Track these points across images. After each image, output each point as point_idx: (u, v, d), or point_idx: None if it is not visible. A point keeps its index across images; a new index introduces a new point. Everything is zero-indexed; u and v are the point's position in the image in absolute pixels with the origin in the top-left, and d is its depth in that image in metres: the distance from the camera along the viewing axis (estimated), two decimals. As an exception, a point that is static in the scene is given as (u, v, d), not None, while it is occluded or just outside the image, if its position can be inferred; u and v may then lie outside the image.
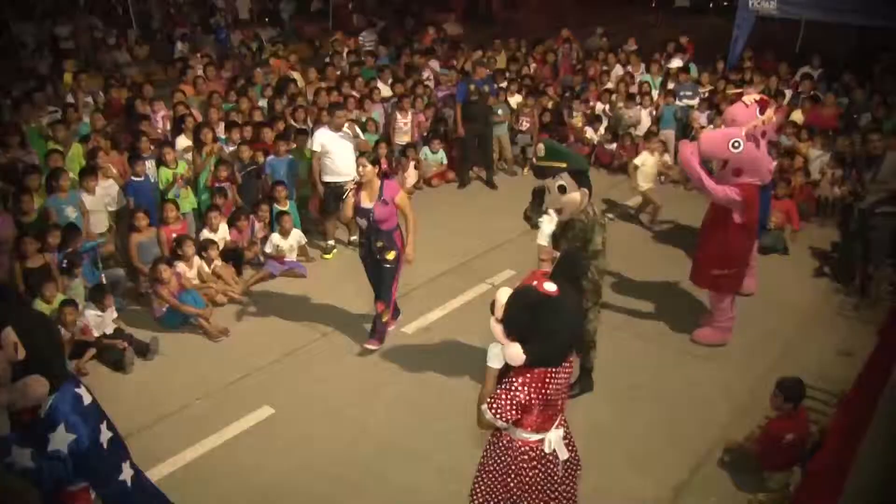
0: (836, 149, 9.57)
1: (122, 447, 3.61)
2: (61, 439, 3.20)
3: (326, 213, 8.60)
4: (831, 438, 4.38)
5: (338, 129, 8.31)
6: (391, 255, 6.41)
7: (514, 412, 3.46)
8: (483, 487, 3.87)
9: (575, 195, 5.15)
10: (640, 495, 5.05)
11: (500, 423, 3.51)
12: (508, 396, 3.44)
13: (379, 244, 6.39)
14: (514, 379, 3.46)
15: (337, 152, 8.20)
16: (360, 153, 6.49)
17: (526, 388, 3.43)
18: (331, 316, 7.26)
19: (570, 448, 3.86)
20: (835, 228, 8.83)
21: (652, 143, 9.81)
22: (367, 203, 6.29)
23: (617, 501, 5.00)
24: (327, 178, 8.36)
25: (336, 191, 8.00)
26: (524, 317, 3.40)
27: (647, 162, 9.52)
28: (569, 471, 3.88)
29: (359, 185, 6.35)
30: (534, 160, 5.48)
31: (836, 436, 4.25)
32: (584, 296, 5.21)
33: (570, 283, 3.58)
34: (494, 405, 3.45)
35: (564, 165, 5.12)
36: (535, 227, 5.66)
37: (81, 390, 3.39)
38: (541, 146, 5.28)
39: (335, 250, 8.69)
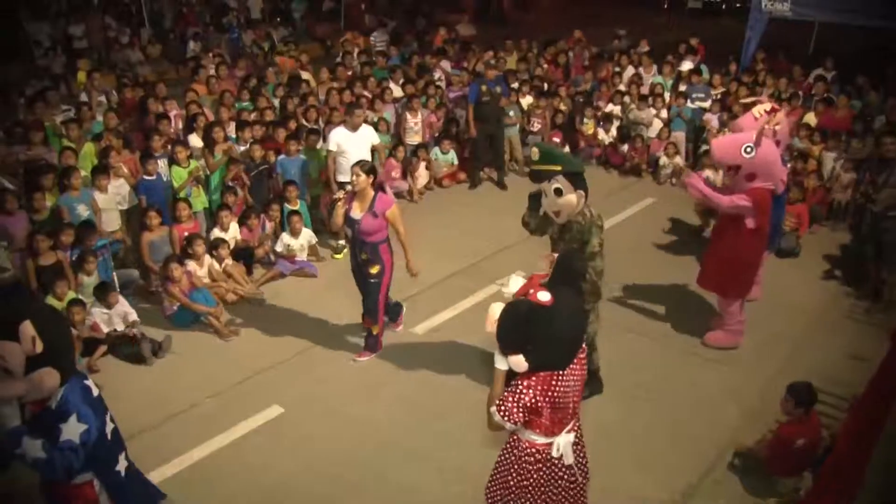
0: (849, 152, 9.52)
1: (120, 439, 3.70)
2: (73, 430, 3.26)
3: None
4: (841, 443, 4.34)
5: (355, 128, 8.32)
6: (375, 270, 6.22)
7: (521, 414, 3.48)
8: (491, 484, 3.95)
9: (571, 197, 5.12)
10: (647, 497, 5.03)
11: (508, 425, 3.53)
12: (515, 399, 3.46)
13: (363, 257, 6.23)
14: (520, 382, 3.49)
15: (352, 152, 8.19)
16: (356, 162, 6.28)
17: (531, 391, 3.45)
18: (341, 316, 7.27)
19: (579, 456, 3.86)
20: (846, 232, 8.78)
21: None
22: (356, 213, 6.10)
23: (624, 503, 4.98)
24: (342, 178, 8.34)
25: None
26: (515, 334, 3.44)
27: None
28: (578, 478, 3.88)
29: (352, 194, 6.18)
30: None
31: (847, 441, 4.21)
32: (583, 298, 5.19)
33: (569, 286, 3.58)
34: (502, 407, 3.48)
35: (559, 168, 5.07)
36: (533, 232, 5.64)
37: (89, 382, 3.49)
38: (535, 150, 5.20)
39: (346, 250, 8.69)
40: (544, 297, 3.41)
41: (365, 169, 6.07)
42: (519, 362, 3.42)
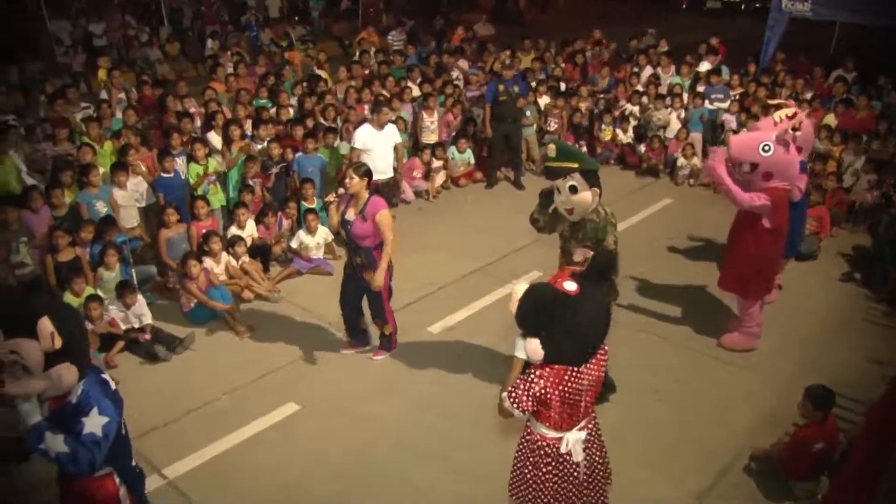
0: (869, 153, 9.42)
1: (128, 435, 3.73)
2: (95, 423, 3.28)
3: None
4: (858, 447, 4.31)
5: (381, 126, 8.33)
6: (370, 276, 6.09)
7: (529, 402, 3.52)
8: (512, 479, 3.97)
9: (586, 194, 5.10)
10: (662, 499, 5.01)
11: (516, 413, 3.56)
12: (525, 387, 3.51)
13: (357, 260, 6.13)
14: (532, 371, 3.53)
15: (378, 150, 8.21)
16: (351, 164, 6.13)
17: (542, 381, 3.48)
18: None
19: (599, 456, 3.85)
20: (866, 234, 8.69)
21: None
22: (350, 215, 6.00)
23: (638, 506, 4.97)
24: None
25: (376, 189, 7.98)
26: (535, 315, 3.46)
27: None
28: (595, 478, 3.87)
29: (349, 196, 6.05)
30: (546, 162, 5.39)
31: (864, 445, 4.18)
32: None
33: (598, 284, 3.59)
34: (513, 394, 3.53)
35: (576, 166, 5.05)
36: (542, 230, 5.61)
37: (106, 376, 3.53)
38: (552, 147, 5.18)
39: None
40: (570, 286, 3.44)
41: (359, 172, 5.93)
42: (536, 349, 3.44)
